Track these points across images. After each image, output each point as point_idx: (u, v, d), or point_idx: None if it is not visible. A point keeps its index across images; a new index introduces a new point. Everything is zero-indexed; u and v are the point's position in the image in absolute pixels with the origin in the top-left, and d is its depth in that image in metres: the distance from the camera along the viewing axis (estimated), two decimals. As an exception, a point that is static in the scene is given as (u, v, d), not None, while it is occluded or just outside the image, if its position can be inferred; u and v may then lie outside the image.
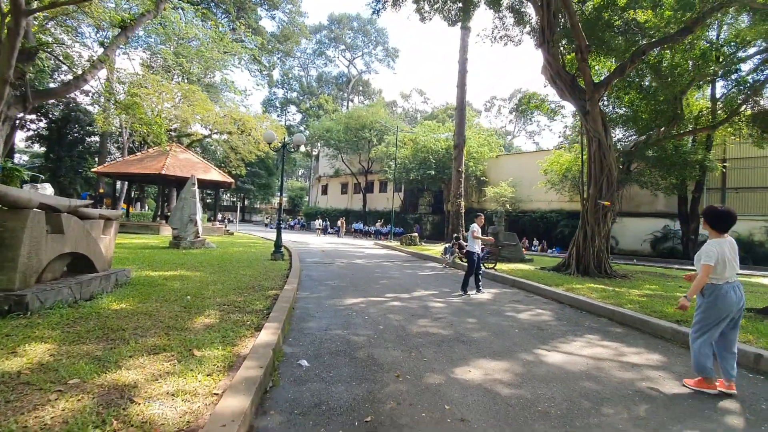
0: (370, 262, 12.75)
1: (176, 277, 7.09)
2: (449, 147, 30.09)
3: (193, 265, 8.79)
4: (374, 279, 9.09)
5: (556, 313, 6.21)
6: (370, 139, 36.34)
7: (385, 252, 17.63)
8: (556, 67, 11.59)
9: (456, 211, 21.55)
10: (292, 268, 9.42)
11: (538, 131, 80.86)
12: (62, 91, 13.03)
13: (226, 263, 9.41)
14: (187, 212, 12.57)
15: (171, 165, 19.21)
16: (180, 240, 12.35)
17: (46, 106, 27.14)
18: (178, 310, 4.82)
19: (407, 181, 31.85)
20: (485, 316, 5.78)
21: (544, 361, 3.92)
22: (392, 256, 15.48)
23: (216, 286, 6.44)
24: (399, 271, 10.89)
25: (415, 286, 8.24)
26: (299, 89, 68.48)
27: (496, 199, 28.66)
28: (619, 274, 11.37)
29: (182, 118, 21.83)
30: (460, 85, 21.95)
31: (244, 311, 4.97)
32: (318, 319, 5.23)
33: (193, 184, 12.93)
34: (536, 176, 27.64)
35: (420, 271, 11.09)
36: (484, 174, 30.89)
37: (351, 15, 69.36)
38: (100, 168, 19.39)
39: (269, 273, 8.38)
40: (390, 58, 74.95)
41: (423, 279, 9.44)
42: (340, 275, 9.46)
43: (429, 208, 35.86)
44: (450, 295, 7.42)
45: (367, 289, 7.67)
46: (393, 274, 10.05)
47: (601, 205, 10.94)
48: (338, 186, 47.24)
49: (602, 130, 10.82)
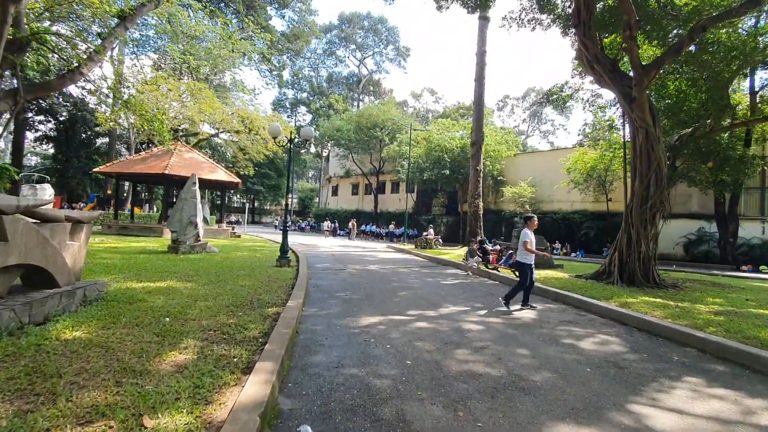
0: (384, 268, 11.60)
1: (162, 290, 6.05)
2: (464, 145, 28.83)
3: (187, 273, 7.76)
4: (392, 290, 7.94)
5: (626, 340, 4.97)
6: (381, 138, 35.24)
7: (400, 256, 16.47)
8: (594, 50, 10.29)
9: (474, 212, 20.29)
10: (299, 277, 8.34)
11: (552, 131, 79.00)
12: (57, 85, 12.24)
13: (225, 271, 8.36)
14: (187, 214, 11.61)
15: (175, 164, 18.37)
16: (179, 244, 11.39)
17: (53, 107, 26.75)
18: (148, 339, 3.74)
19: (420, 181, 30.64)
20: (539, 344, 4.58)
21: (652, 428, 2.72)
22: (408, 261, 14.31)
23: (206, 302, 5.36)
24: (418, 279, 9.72)
25: (440, 300, 7.06)
26: (309, 89, 67.87)
27: (514, 200, 27.28)
28: (669, 283, 10.02)
29: (187, 116, 21.01)
30: (478, 78, 20.70)
31: (233, 340, 3.87)
32: (327, 350, 4.10)
33: (193, 184, 11.97)
34: (558, 175, 26.19)
35: (441, 279, 9.90)
36: (501, 173, 29.50)
37: (361, 14, 68.60)
38: (101, 168, 18.69)
39: (272, 283, 7.30)
40: (401, 57, 73.95)
41: (448, 290, 8.24)
42: (352, 285, 8.34)
43: (443, 210, 34.58)
44: (485, 312, 6.23)
45: (386, 304, 6.52)
46: (412, 284, 8.89)
47: (648, 204, 9.60)
48: (349, 187, 46.25)
49: (650, 119, 9.50)
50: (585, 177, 23.92)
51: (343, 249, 19.02)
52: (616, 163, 23.06)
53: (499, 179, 29.32)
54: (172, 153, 19.13)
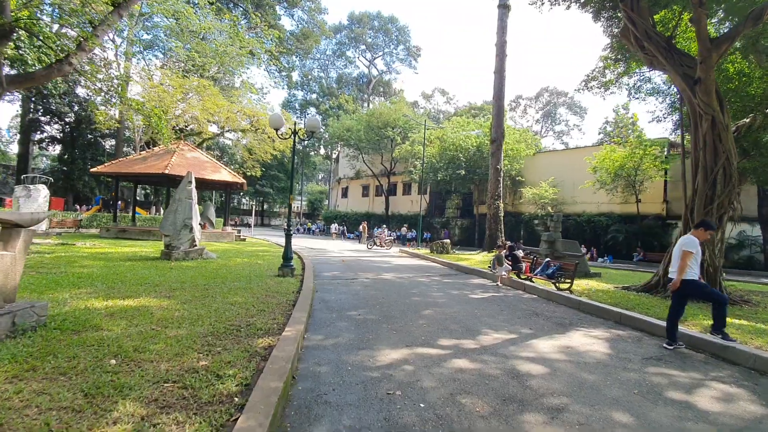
0: (401, 277, 10.27)
1: (129, 310, 4.82)
2: (480, 144, 27.41)
3: (171, 286, 6.55)
4: (414, 306, 6.61)
5: (755, 391, 3.56)
6: (393, 137, 33.97)
7: (416, 262, 15.12)
8: (645, 25, 8.86)
9: (494, 214, 18.85)
10: (303, 290, 7.07)
11: (567, 131, 77.10)
12: (42, 76, 11.24)
13: (217, 283, 7.13)
14: (182, 216, 10.46)
15: (176, 164, 17.34)
16: (172, 249, 10.23)
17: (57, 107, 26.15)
18: (66, 402, 2.48)
19: (434, 182, 29.27)
20: (637, 401, 3.20)
21: None
22: (425, 268, 12.95)
23: (178, 331, 4.11)
24: (441, 291, 8.37)
25: (476, 322, 5.71)
26: (319, 91, 67.11)
27: (534, 201, 25.73)
28: (737, 297, 8.51)
29: (191, 114, 20.04)
30: (498, 70, 19.30)
31: (196, 404, 2.60)
32: (335, 413, 2.79)
33: (189, 182, 10.82)
34: (581, 175, 24.58)
35: (469, 291, 8.52)
36: (519, 174, 27.96)
37: (372, 13, 67.65)
38: (100, 168, 17.77)
39: (269, 299, 6.04)
40: (412, 57, 72.87)
41: (481, 307, 6.88)
42: (366, 300, 7.03)
43: (457, 212, 33.13)
44: (536, 339, 4.86)
45: (409, 328, 5.19)
46: (437, 298, 7.54)
47: (714, 205, 8.11)
48: (359, 188, 45.07)
49: (717, 104, 8.02)
50: (613, 176, 22.28)
51: (353, 254, 17.74)
52: (647, 161, 21.41)
53: (517, 179, 27.80)
54: (174, 152, 18.13)
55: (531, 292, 8.46)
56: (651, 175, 21.89)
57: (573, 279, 8.24)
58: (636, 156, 21.46)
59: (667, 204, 22.91)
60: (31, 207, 15.42)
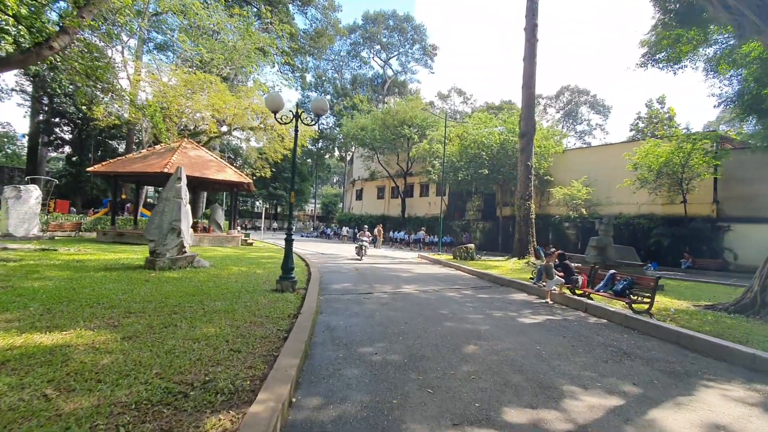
0: (425, 291, 8.53)
1: (36, 354, 3.25)
2: (504, 141, 25.46)
3: (129, 309, 5.00)
4: (450, 338, 4.88)
5: None
6: (409, 136, 32.24)
7: (439, 270, 13.33)
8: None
9: (524, 216, 16.90)
10: (303, 311, 5.44)
11: (589, 131, 74.05)
12: (20, 60, 10.03)
13: (194, 303, 5.55)
14: (169, 218, 8.98)
15: (178, 162, 15.98)
16: (157, 257, 8.76)
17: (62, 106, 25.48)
18: None
19: (454, 182, 27.37)
20: None
21: None
22: (451, 278, 11.17)
23: (82, 400, 2.52)
24: (480, 311, 6.58)
25: (546, 370, 3.93)
26: (333, 92, 66.03)
27: (565, 203, 23.57)
28: None
29: (194, 110, 18.81)
30: (528, 56, 17.40)
31: None
32: None
33: (178, 179, 9.36)
34: (618, 173, 22.36)
35: (515, 312, 6.72)
36: (548, 173, 25.83)
37: (387, 12, 66.32)
38: (96, 167, 16.62)
39: (254, 330, 4.41)
40: (427, 56, 71.25)
41: (542, 340, 5.08)
42: (385, 326, 5.32)
43: (478, 214, 31.11)
44: (655, 409, 3.07)
45: (451, 384, 3.46)
46: (477, 323, 5.78)
47: None
48: (374, 190, 43.46)
49: None
50: (656, 174, 20.02)
51: (368, 260, 16.05)
52: (695, 157, 19.09)
53: (545, 179, 25.67)
54: (176, 150, 16.86)
55: (596, 314, 6.59)
56: (699, 172, 19.55)
57: (653, 299, 6.33)
58: (683, 151, 19.18)
59: (717, 204, 20.48)
60: (21, 209, 14.32)
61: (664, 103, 34.24)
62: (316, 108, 7.19)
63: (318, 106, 7.19)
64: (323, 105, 7.21)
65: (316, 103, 7.21)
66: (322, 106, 7.21)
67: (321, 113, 7.26)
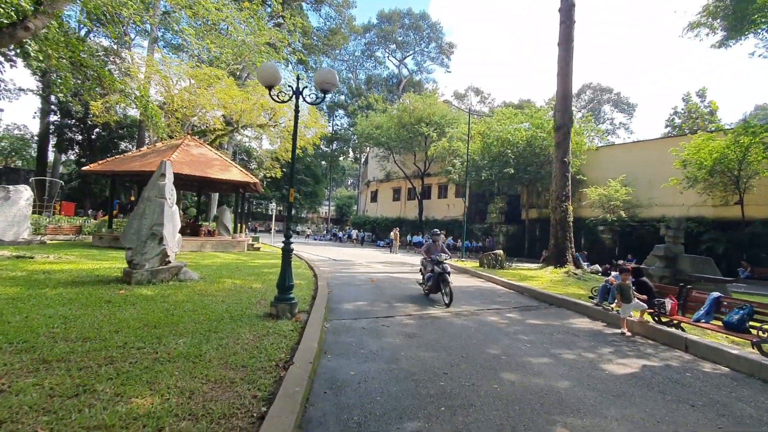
0: (460, 315, 6.82)
1: None
2: (531, 138, 23.51)
3: (60, 350, 3.49)
4: (522, 411, 3.19)
5: None
6: (427, 134, 30.51)
7: (468, 282, 11.57)
8: None
9: (561, 218, 14.97)
10: (300, 352, 3.83)
11: (612, 130, 70.90)
12: (-11, 42, 8.85)
13: (150, 341, 3.98)
14: (149, 221, 7.52)
15: (178, 161, 14.76)
16: (135, 268, 7.29)
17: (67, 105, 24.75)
18: None
19: (477, 182, 25.50)
20: None
21: None
22: (485, 293, 9.41)
23: None
24: (545, 353, 4.82)
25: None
26: (347, 92, 64.84)
27: (601, 204, 21.44)
28: None
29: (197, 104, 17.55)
30: (564, 41, 15.50)
31: None
32: None
33: (162, 175, 7.92)
34: (660, 172, 20.22)
35: (594, 354, 4.92)
36: (580, 171, 23.71)
37: (402, 11, 64.84)
38: (92, 166, 15.48)
39: (220, 396, 2.80)
40: (444, 55, 69.48)
41: (665, 414, 3.32)
42: (417, 382, 3.65)
43: (501, 217, 29.09)
44: None
45: None
46: (550, 376, 4.05)
47: None
48: (389, 192, 41.85)
49: None
50: (707, 172, 17.79)
51: (385, 268, 14.43)
52: (755, 152, 16.82)
53: (577, 178, 23.55)
54: (177, 148, 15.60)
55: (707, 356, 4.73)
56: (759, 169, 17.26)
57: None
58: (740, 145, 16.92)
59: (779, 206, 18.12)
60: (9, 211, 13.21)
61: (705, 96, 31.65)
62: (322, 81, 5.59)
63: (323, 79, 5.59)
64: (330, 77, 5.60)
65: (322, 75, 5.61)
66: (329, 78, 5.60)
67: (328, 88, 5.65)
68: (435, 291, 7.69)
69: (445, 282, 7.37)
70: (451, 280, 7.44)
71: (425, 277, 8.12)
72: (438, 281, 7.50)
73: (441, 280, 7.43)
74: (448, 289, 7.30)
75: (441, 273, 7.43)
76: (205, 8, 18.76)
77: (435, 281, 7.58)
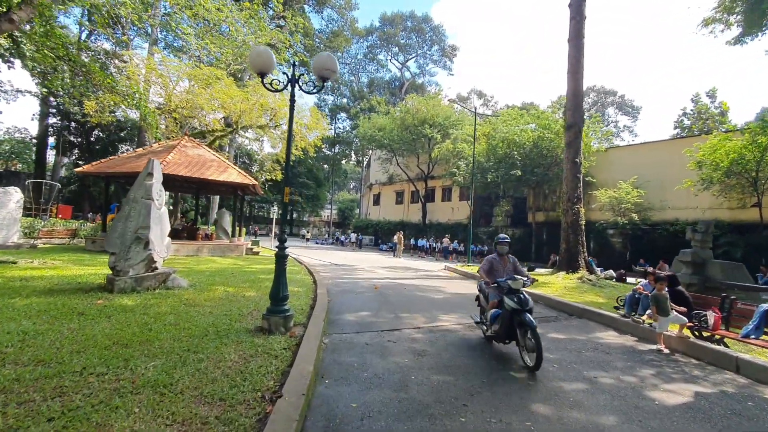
0: (474, 328, 6.18)
1: None
2: (538, 139, 22.89)
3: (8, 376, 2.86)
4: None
5: None
6: (431, 136, 29.92)
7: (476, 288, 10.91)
8: None
9: (572, 221, 14.29)
10: (291, 379, 3.20)
11: (616, 133, 70.22)
12: (-32, 34, 8.37)
13: (116, 364, 3.37)
14: (134, 225, 6.94)
15: (173, 162, 14.24)
16: (118, 275, 6.71)
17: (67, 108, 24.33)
18: None
19: (482, 185, 24.85)
20: None
21: None
22: (497, 301, 8.74)
23: None
24: (577, 376, 4.18)
25: None
26: (349, 95, 64.49)
27: (611, 207, 20.76)
28: None
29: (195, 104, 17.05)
30: (574, 37, 14.92)
31: None
32: None
33: (149, 174, 7.34)
34: (673, 173, 19.55)
35: (635, 378, 4.25)
36: (588, 173, 23.03)
37: (404, 13, 64.61)
38: (85, 167, 14.97)
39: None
40: (446, 57, 69.11)
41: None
42: (432, 417, 3.03)
43: (507, 220, 28.42)
44: None
45: None
46: (589, 407, 3.41)
47: None
48: (392, 195, 41.25)
49: None
50: (723, 173, 17.07)
51: (389, 274, 13.79)
52: (775, 151, 16.10)
53: (586, 180, 22.86)
54: (174, 148, 15.08)
55: (763, 379, 4.09)
56: (778, 170, 16.55)
57: None
58: (758, 145, 16.22)
59: (800, 209, 17.37)
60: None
61: (715, 96, 30.96)
62: (320, 66, 5.00)
63: (322, 64, 5.00)
64: (330, 63, 5.01)
65: (320, 60, 5.03)
66: (328, 64, 5.01)
67: (327, 75, 5.07)
68: (505, 339, 4.65)
69: (524, 326, 4.31)
70: (535, 324, 4.24)
71: (489, 315, 4.94)
72: (511, 323, 4.47)
73: (518, 322, 4.39)
74: (530, 338, 4.17)
75: (517, 311, 4.40)
76: (205, 8, 18.40)
77: (506, 323, 4.51)
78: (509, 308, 4.45)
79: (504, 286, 4.68)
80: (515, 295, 4.49)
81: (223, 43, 21.17)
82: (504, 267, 5.21)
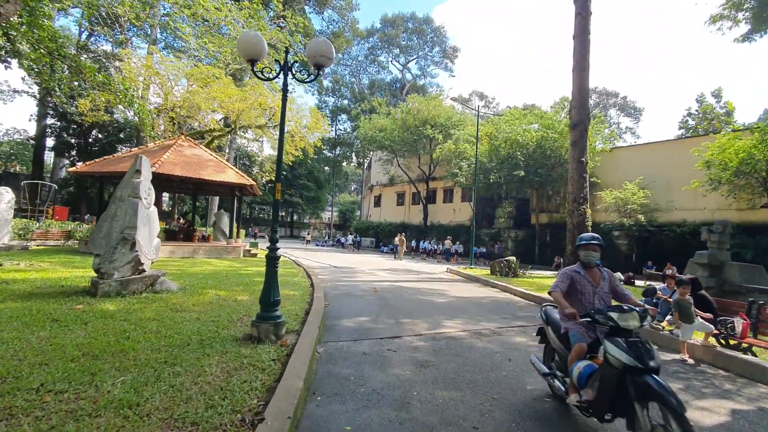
0: (480, 335, 5.80)
1: None
2: (542, 139, 22.51)
3: None
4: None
5: None
6: (432, 136, 29.58)
7: (481, 293, 10.53)
8: None
9: (578, 222, 13.91)
10: (276, 398, 2.80)
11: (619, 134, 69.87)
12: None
13: (81, 380, 2.99)
14: (120, 224, 6.57)
15: (169, 162, 13.91)
16: (103, 277, 6.34)
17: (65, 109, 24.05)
18: None
19: (484, 186, 24.47)
20: None
21: None
22: (503, 306, 8.38)
23: None
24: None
25: None
26: (350, 96, 64.25)
27: (617, 208, 20.35)
28: None
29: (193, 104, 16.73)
30: (580, 33, 14.56)
31: None
32: None
33: (137, 172, 6.97)
34: (679, 173, 19.17)
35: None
36: (593, 174, 22.62)
37: (406, 15, 64.42)
38: (79, 167, 14.68)
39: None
40: (447, 59, 68.85)
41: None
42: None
43: (510, 221, 28.03)
44: None
45: None
46: (615, 428, 3.00)
47: None
48: (393, 196, 40.88)
49: None
50: (732, 173, 16.64)
51: (390, 276, 13.40)
52: (787, 151, 15.68)
53: (591, 181, 22.47)
54: (170, 148, 14.75)
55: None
56: (791, 169, 16.12)
57: None
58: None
59: (811, 209, 16.94)
60: (-12, 215, 12.35)
61: (720, 96, 30.55)
62: (315, 53, 4.64)
63: (317, 51, 4.64)
64: (325, 48, 4.65)
65: (315, 46, 4.66)
66: (324, 50, 4.65)
67: (323, 62, 4.70)
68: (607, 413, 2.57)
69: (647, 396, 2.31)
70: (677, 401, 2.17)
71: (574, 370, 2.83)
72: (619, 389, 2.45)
73: (637, 388, 2.35)
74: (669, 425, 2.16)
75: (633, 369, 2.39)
76: (204, 8, 18.13)
77: (611, 390, 2.48)
78: (618, 365, 2.42)
79: (603, 322, 2.65)
80: (625, 339, 2.50)
81: (222, 43, 20.90)
82: (595, 287, 3.18)
